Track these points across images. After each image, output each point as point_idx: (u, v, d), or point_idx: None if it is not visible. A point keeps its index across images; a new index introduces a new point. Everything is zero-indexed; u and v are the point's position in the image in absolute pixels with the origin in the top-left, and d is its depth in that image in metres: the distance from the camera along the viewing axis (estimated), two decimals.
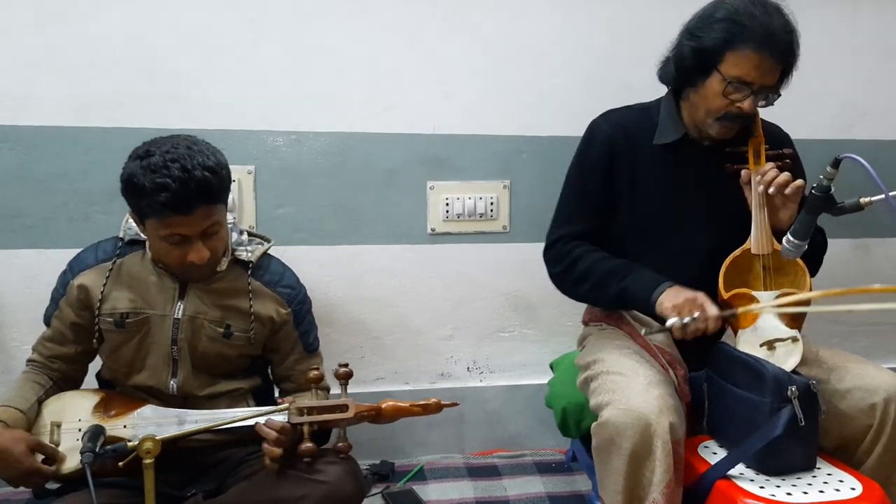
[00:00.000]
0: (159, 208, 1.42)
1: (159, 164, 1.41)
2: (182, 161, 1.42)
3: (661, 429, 1.39)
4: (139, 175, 1.42)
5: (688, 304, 1.49)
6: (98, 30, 1.99)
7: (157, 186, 1.40)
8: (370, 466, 2.18)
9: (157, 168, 1.41)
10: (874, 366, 1.57)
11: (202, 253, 1.48)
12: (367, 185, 2.18)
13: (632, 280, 1.62)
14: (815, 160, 1.71)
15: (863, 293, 1.36)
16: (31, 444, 1.44)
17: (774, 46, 1.55)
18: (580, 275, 1.70)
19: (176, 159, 1.42)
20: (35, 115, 1.98)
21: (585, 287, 1.70)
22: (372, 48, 2.12)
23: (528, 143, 2.23)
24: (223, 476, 1.59)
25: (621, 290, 1.63)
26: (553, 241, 1.78)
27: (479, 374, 2.33)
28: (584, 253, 1.71)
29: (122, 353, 1.59)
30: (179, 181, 1.40)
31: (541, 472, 2.21)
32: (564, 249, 1.74)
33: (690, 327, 1.47)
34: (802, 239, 1.49)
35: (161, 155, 1.42)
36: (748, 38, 1.54)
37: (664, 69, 1.73)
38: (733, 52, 1.56)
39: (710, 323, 1.48)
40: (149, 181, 1.41)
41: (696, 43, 1.61)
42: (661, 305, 1.53)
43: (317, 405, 1.48)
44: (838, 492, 1.38)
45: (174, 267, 1.54)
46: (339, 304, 2.21)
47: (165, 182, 1.40)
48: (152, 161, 1.42)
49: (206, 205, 1.46)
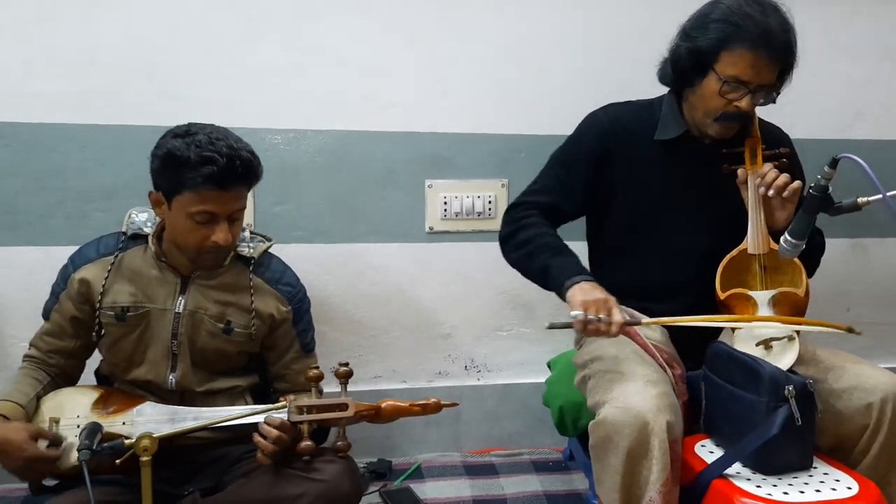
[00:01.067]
0: (202, 181, 1.45)
1: (205, 141, 1.47)
2: (227, 140, 1.49)
3: (658, 427, 1.39)
4: (183, 149, 1.46)
5: (596, 303, 1.48)
6: (96, 27, 1.98)
7: (203, 159, 1.45)
8: (367, 465, 2.19)
9: (202, 144, 1.46)
10: (871, 365, 1.57)
11: (226, 234, 1.51)
12: (366, 183, 2.18)
13: (557, 261, 1.63)
14: (814, 160, 1.71)
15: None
16: (31, 431, 1.44)
17: (770, 45, 1.54)
18: (520, 241, 1.71)
19: (220, 138, 1.49)
20: (32, 112, 1.98)
21: (520, 253, 1.71)
22: (371, 47, 2.12)
23: (526, 142, 2.23)
24: (220, 474, 1.59)
25: (544, 266, 1.63)
26: (514, 204, 1.79)
27: (476, 373, 2.34)
28: (533, 223, 1.72)
29: (121, 346, 1.59)
30: (227, 157, 1.46)
31: (538, 471, 2.21)
32: (519, 214, 1.75)
33: (591, 326, 1.47)
34: (800, 238, 1.49)
35: (205, 134, 1.48)
36: (743, 37, 1.54)
37: (663, 70, 1.73)
38: (729, 51, 1.56)
39: (612, 328, 1.47)
40: (195, 154, 1.45)
41: (691, 44, 1.62)
42: (571, 296, 1.52)
43: (316, 404, 1.48)
44: (835, 491, 1.38)
45: (192, 250, 1.54)
46: (336, 302, 2.21)
47: (213, 156, 1.45)
48: (197, 138, 1.47)
49: (244, 185, 1.52)
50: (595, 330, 1.48)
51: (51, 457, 1.44)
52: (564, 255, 1.65)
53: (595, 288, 1.53)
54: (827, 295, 2.34)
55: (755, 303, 1.62)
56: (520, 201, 1.79)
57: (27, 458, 1.41)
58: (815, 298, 1.67)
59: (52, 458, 1.44)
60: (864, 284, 2.48)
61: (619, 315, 1.48)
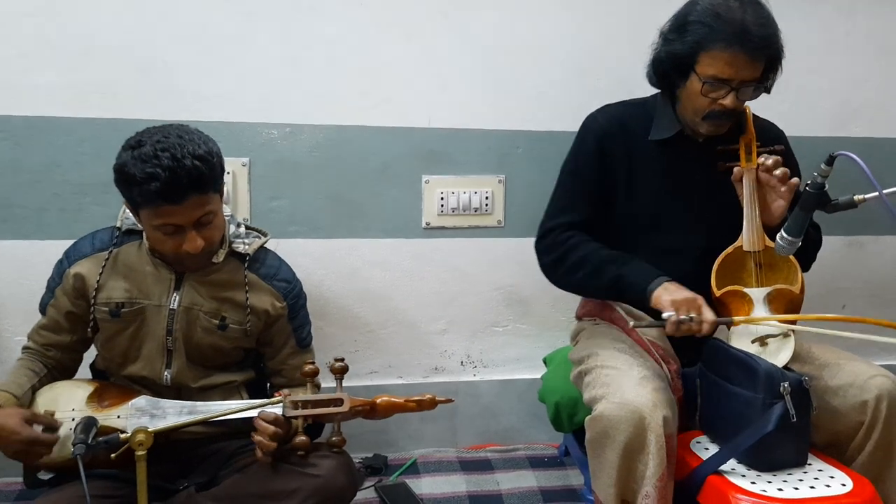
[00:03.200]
0: (150, 198, 1.41)
1: (149, 154, 1.40)
2: (172, 150, 1.41)
3: (654, 422, 1.40)
4: (130, 165, 1.42)
5: (686, 303, 1.50)
6: (92, 20, 1.97)
7: (147, 176, 1.40)
8: (363, 460, 2.19)
9: (147, 158, 1.40)
10: (866, 363, 1.57)
11: (196, 242, 1.48)
12: (362, 178, 2.17)
13: (630, 269, 1.63)
14: (810, 157, 1.71)
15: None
16: (25, 416, 1.43)
17: (746, 42, 1.54)
18: (574, 262, 1.70)
19: (166, 148, 1.41)
20: (28, 106, 1.97)
21: (579, 275, 1.70)
22: (368, 41, 2.12)
23: (523, 138, 2.23)
24: (216, 468, 1.59)
25: (618, 276, 1.63)
26: (546, 230, 1.77)
27: (472, 369, 2.34)
28: (579, 242, 1.71)
29: (116, 342, 1.59)
30: (169, 170, 1.39)
31: (533, 467, 2.22)
32: (559, 238, 1.74)
33: (684, 326, 1.48)
34: (796, 236, 1.49)
35: (152, 145, 1.42)
36: (717, 37, 1.55)
37: (649, 73, 1.73)
38: (705, 52, 1.57)
39: (704, 326, 1.49)
40: (139, 171, 1.40)
41: (670, 47, 1.63)
42: (657, 298, 1.54)
43: (312, 399, 1.48)
44: (829, 488, 1.39)
45: (170, 256, 1.54)
46: (332, 297, 2.21)
47: (155, 172, 1.39)
48: (143, 151, 1.41)
49: (198, 194, 1.45)
50: (688, 329, 1.49)
51: (47, 440, 1.43)
52: (631, 261, 1.65)
53: (680, 288, 1.54)
54: (823, 292, 2.35)
55: (751, 300, 1.62)
56: (551, 226, 1.77)
57: (23, 441, 1.41)
58: (811, 295, 1.68)
59: (48, 442, 1.44)
60: (860, 281, 2.49)
61: (709, 313, 1.49)
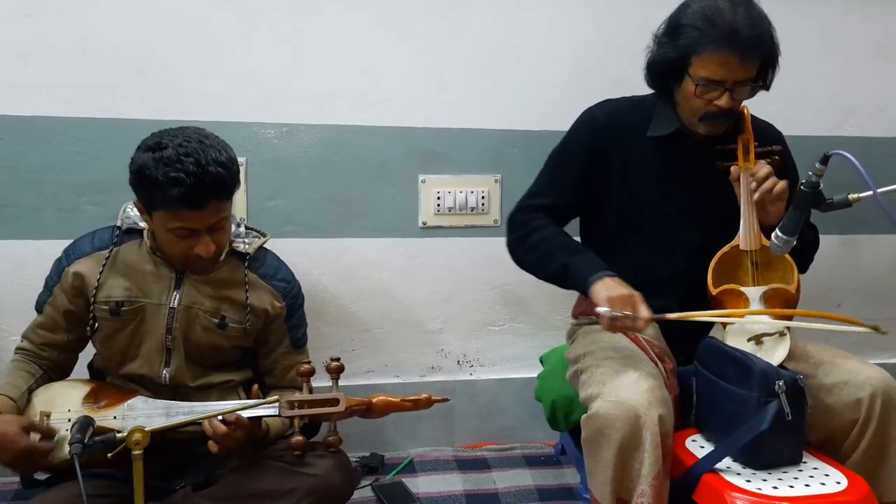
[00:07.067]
0: (172, 202, 1.42)
1: (172, 158, 1.40)
2: (195, 156, 1.41)
3: (650, 421, 1.40)
4: (151, 167, 1.41)
5: (622, 299, 1.49)
6: (90, 20, 1.97)
7: (170, 181, 1.40)
8: (360, 459, 2.19)
9: (170, 162, 1.40)
10: (861, 361, 1.58)
11: (209, 246, 1.49)
12: (359, 178, 2.17)
13: (577, 259, 1.63)
14: (805, 157, 1.71)
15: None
16: (24, 424, 1.43)
17: (736, 43, 1.54)
18: (532, 244, 1.71)
19: (189, 153, 1.41)
20: (25, 105, 1.97)
21: (534, 256, 1.71)
22: (365, 41, 2.12)
23: (519, 137, 2.23)
24: (212, 468, 1.59)
25: (564, 265, 1.64)
26: (518, 208, 1.79)
27: (469, 368, 2.34)
28: (542, 225, 1.73)
29: (116, 341, 1.59)
30: (194, 176, 1.40)
31: (530, 466, 2.22)
32: (524, 218, 1.75)
33: (618, 322, 1.48)
34: (791, 234, 1.50)
35: (174, 148, 1.41)
36: (707, 40, 1.55)
37: (645, 75, 1.74)
38: (697, 56, 1.57)
39: (639, 323, 1.48)
40: (162, 174, 1.40)
41: (662, 51, 1.64)
42: (596, 293, 1.53)
43: (308, 399, 1.48)
44: (824, 486, 1.39)
45: (178, 259, 1.54)
46: (329, 297, 2.21)
47: (179, 177, 1.39)
48: (165, 154, 1.41)
49: (218, 200, 1.46)
50: (622, 326, 1.48)
51: (44, 449, 1.43)
52: (581, 252, 1.66)
53: (619, 283, 1.54)
54: (818, 291, 2.35)
55: (747, 299, 1.63)
56: (522, 205, 1.79)
57: (20, 451, 1.40)
58: (807, 294, 1.68)
59: (44, 451, 1.43)
60: (855, 280, 2.49)
61: (645, 310, 1.49)
